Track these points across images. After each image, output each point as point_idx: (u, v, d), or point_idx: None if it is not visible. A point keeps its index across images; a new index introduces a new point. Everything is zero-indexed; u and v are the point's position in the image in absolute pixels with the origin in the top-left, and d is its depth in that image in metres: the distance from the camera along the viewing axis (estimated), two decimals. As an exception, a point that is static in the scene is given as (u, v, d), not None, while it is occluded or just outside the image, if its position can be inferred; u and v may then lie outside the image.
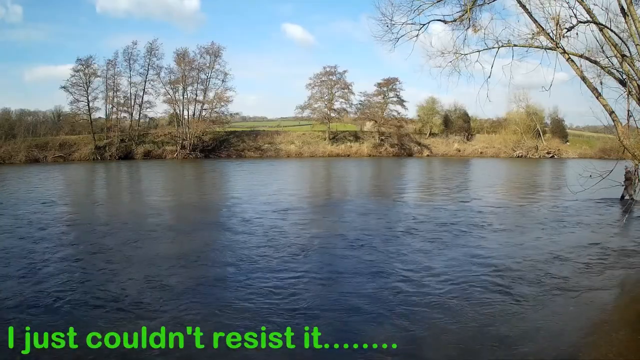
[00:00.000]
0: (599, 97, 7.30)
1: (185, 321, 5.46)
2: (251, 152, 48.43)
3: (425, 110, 55.77)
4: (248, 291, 6.51)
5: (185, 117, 47.60)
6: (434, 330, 5.30)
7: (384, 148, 51.29)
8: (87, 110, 44.89)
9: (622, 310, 6.06)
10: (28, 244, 9.32)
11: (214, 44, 48.00)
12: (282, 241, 9.60)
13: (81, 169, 33.33)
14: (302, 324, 5.35)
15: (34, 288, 6.60)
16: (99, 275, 7.26)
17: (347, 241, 9.71)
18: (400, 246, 9.22)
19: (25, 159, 39.16)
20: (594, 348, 4.96)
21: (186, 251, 8.88)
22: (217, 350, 4.80)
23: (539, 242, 9.72)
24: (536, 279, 7.11)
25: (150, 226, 11.38)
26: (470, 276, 7.23)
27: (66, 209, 14.64)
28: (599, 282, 7.01)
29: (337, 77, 52.00)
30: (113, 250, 8.90)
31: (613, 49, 7.00)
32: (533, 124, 51.64)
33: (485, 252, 8.79)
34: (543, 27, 7.38)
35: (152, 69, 47.09)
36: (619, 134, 7.25)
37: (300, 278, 7.13)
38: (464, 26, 7.97)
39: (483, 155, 50.63)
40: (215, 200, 17.16)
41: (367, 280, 7.04)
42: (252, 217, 12.47)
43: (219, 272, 7.59)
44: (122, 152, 44.08)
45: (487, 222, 11.92)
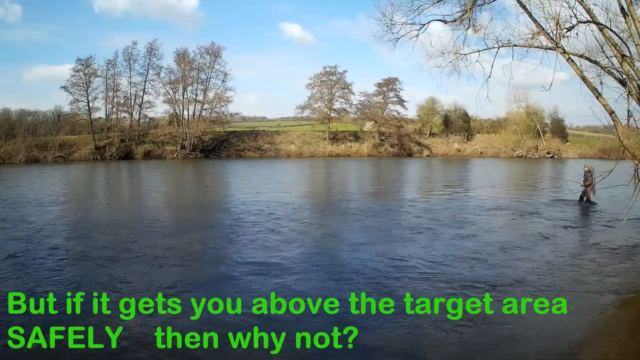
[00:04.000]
0: (599, 97, 7.30)
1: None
2: (251, 152, 48.48)
3: (425, 110, 55.84)
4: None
5: (185, 117, 47.72)
6: (434, 330, 5.29)
7: (384, 148, 51.34)
8: (87, 110, 45.00)
9: (622, 310, 6.05)
10: (25, 243, 9.32)
11: (214, 44, 48.26)
12: (282, 242, 9.60)
13: (81, 169, 33.33)
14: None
15: (28, 286, 6.61)
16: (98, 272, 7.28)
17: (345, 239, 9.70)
18: (412, 249, 9.22)
19: (25, 159, 39.20)
20: (594, 348, 4.96)
21: (187, 251, 8.88)
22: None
23: (539, 241, 9.72)
24: (536, 278, 7.10)
25: (149, 225, 11.38)
26: (470, 276, 7.22)
27: (66, 208, 14.64)
28: (599, 282, 7.00)
29: (337, 77, 52.18)
30: (113, 249, 8.91)
31: (613, 49, 7.00)
32: (533, 124, 51.69)
33: (482, 252, 8.79)
34: (543, 27, 7.38)
35: (152, 69, 47.32)
36: (619, 134, 7.25)
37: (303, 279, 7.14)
38: (464, 26, 7.99)
39: (483, 155, 50.65)
40: (215, 200, 17.15)
41: (365, 281, 7.04)
42: (252, 217, 12.46)
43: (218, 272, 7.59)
44: (122, 152, 44.13)
45: (482, 220, 11.93)
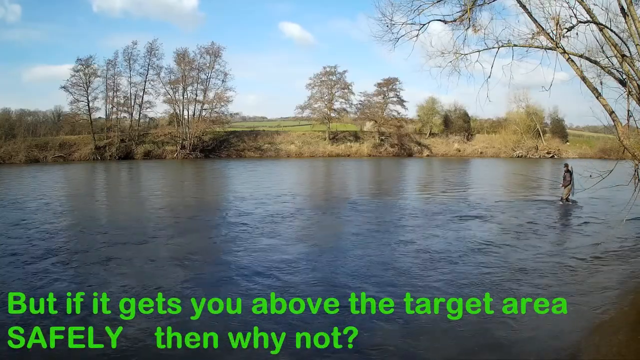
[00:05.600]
0: (599, 97, 7.30)
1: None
2: (251, 152, 48.48)
3: (425, 110, 55.84)
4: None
5: (185, 117, 47.71)
6: (434, 330, 5.29)
7: (384, 148, 51.34)
8: (87, 110, 45.00)
9: (622, 311, 6.05)
10: (25, 243, 9.32)
11: (214, 44, 48.27)
12: (282, 242, 9.60)
13: (81, 169, 33.32)
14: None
15: (28, 286, 6.60)
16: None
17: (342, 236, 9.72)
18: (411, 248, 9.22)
19: (25, 159, 39.20)
20: (594, 348, 4.95)
21: (187, 251, 8.88)
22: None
23: (538, 242, 9.72)
24: (535, 279, 7.10)
25: (149, 225, 11.38)
26: (470, 276, 7.22)
27: (66, 208, 14.63)
28: (598, 282, 6.99)
29: (337, 77, 52.19)
30: (112, 247, 8.90)
31: (613, 49, 7.00)
32: (533, 124, 51.70)
33: (482, 252, 8.79)
34: (543, 27, 7.39)
35: (152, 69, 47.34)
36: (619, 134, 7.26)
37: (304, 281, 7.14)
38: (464, 26, 8.00)
39: (483, 155, 50.65)
40: (215, 200, 17.14)
41: (365, 281, 7.04)
42: (252, 217, 12.46)
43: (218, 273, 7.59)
44: (122, 152, 44.13)
45: (486, 218, 11.93)
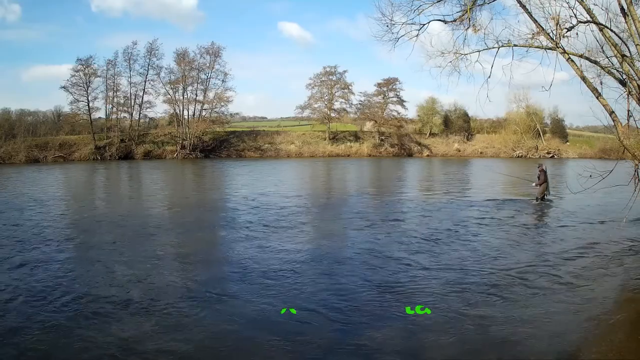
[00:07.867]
0: (599, 97, 7.31)
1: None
2: (251, 152, 48.47)
3: (425, 110, 55.79)
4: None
5: (185, 117, 47.69)
6: (434, 329, 5.30)
7: (384, 148, 51.32)
8: (87, 110, 44.95)
9: (622, 311, 6.06)
10: (25, 243, 9.32)
11: (213, 44, 48.20)
12: (282, 242, 9.61)
13: (81, 168, 33.31)
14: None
15: (28, 286, 6.61)
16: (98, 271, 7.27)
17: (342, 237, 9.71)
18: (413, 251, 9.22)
19: (25, 159, 39.18)
20: (594, 348, 4.95)
21: (187, 251, 8.88)
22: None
23: (537, 242, 9.72)
24: (535, 279, 7.10)
25: (149, 225, 11.38)
26: (470, 276, 7.22)
27: (66, 208, 14.63)
28: (598, 282, 7.00)
29: (337, 77, 52.12)
30: (113, 249, 8.91)
31: (613, 49, 7.01)
32: (533, 124, 51.68)
33: (479, 252, 8.79)
34: (543, 27, 7.40)
35: (152, 69, 47.25)
36: (619, 134, 7.27)
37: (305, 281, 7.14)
38: (464, 26, 8.02)
39: (483, 156, 50.61)
40: (215, 200, 17.15)
41: (365, 280, 7.05)
42: (252, 217, 12.46)
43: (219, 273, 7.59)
44: (122, 152, 44.11)
45: (483, 221, 11.93)
